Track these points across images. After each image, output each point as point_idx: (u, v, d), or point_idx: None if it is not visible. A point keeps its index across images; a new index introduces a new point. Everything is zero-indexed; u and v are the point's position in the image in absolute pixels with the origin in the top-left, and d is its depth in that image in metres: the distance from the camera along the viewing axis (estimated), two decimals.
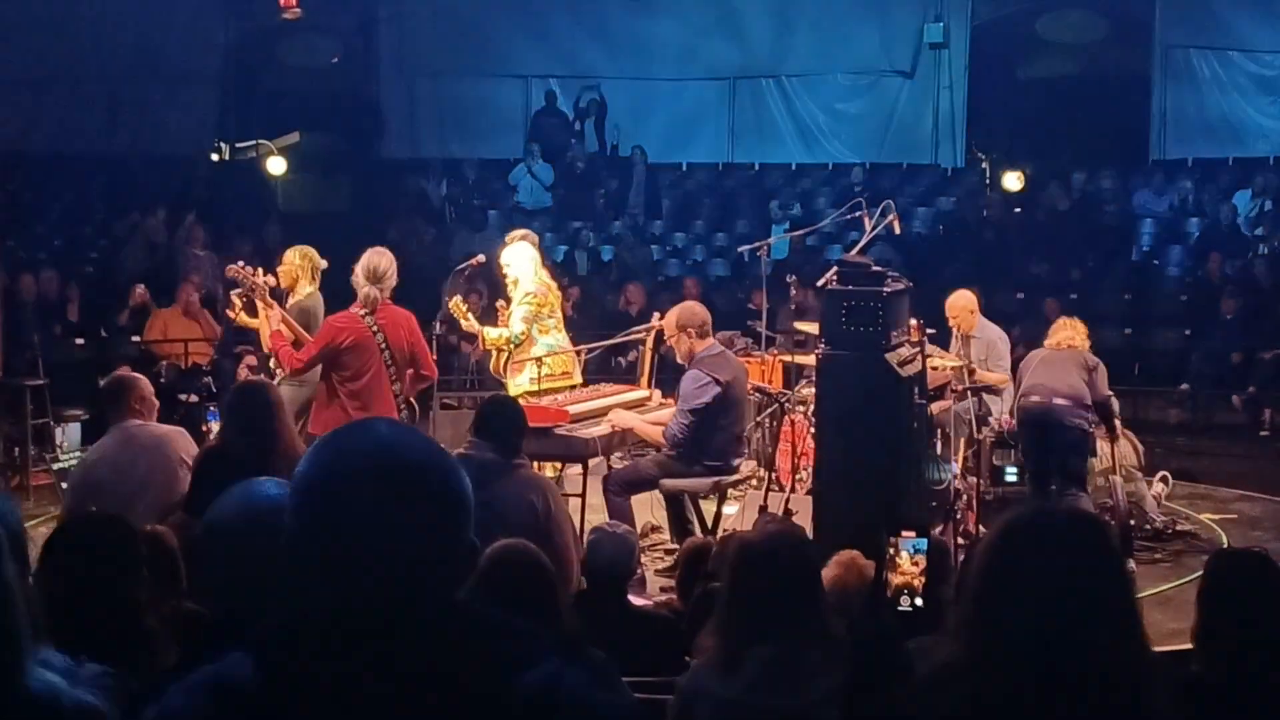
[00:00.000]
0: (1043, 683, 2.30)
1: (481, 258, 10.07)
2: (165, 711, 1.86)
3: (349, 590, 1.79)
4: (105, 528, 3.62)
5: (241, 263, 8.86)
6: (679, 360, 8.40)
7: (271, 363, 8.45)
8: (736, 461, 8.25)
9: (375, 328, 7.78)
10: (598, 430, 8.14)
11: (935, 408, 8.36)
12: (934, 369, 8.59)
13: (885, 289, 7.21)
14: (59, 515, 9.38)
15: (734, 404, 8.14)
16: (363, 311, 7.80)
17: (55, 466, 9.82)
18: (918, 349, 7.64)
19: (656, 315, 10.45)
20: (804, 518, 7.47)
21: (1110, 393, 8.82)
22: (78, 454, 9.99)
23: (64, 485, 9.56)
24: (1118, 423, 8.95)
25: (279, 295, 8.64)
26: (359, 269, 7.93)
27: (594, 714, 1.84)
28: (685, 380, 7.98)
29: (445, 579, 1.84)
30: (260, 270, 8.60)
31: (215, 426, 9.19)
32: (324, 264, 8.84)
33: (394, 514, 1.80)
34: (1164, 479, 9.65)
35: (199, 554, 2.68)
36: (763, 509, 7.74)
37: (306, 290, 8.73)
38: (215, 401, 11.00)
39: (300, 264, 8.79)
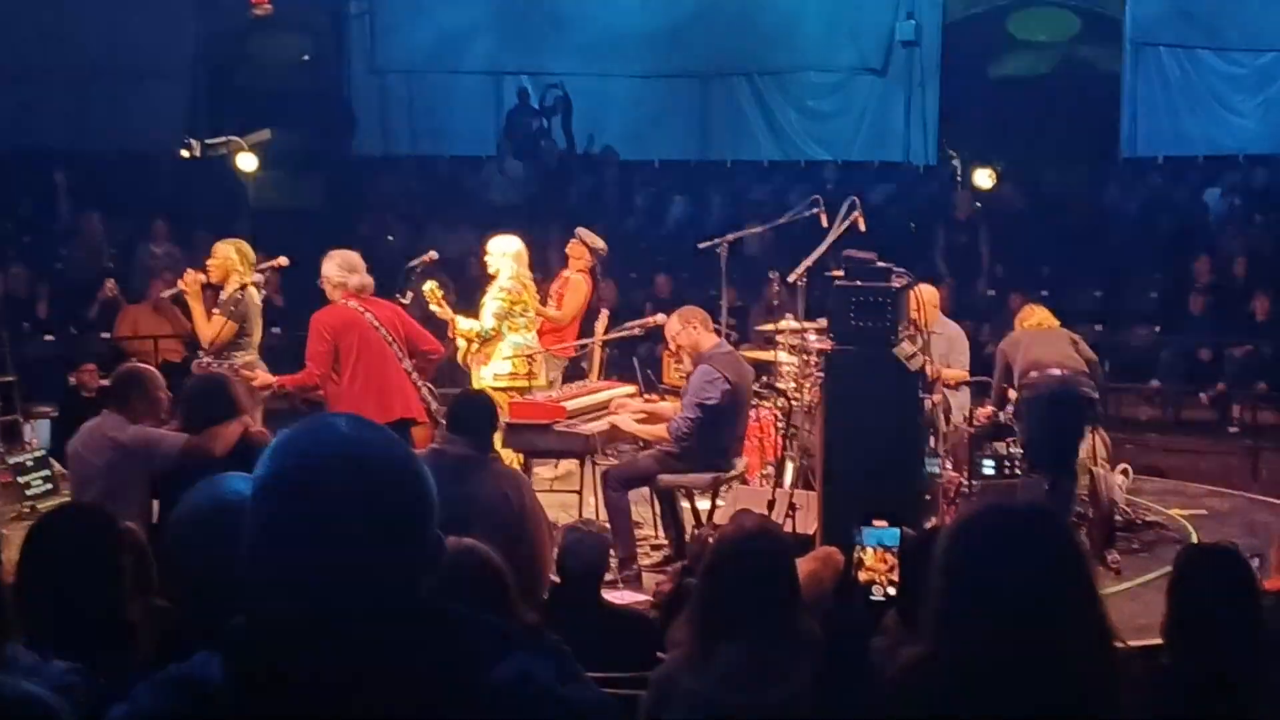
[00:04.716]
0: (1009, 678, 2.30)
1: (434, 254, 10.04)
2: (132, 712, 1.85)
3: (311, 591, 1.78)
4: (89, 517, 3.60)
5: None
6: (687, 357, 8.34)
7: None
8: (736, 460, 8.26)
9: (362, 309, 7.86)
10: (596, 426, 8.16)
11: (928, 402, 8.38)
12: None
13: (893, 284, 7.22)
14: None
15: (740, 405, 8.12)
16: (353, 302, 7.88)
17: (11, 461, 9.76)
18: (919, 344, 7.66)
19: (604, 314, 10.52)
20: (808, 513, 7.50)
21: (1095, 356, 8.87)
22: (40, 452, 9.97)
23: (20, 480, 9.55)
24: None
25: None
26: (335, 267, 8.00)
27: (559, 706, 1.83)
28: (695, 375, 7.95)
29: (410, 576, 1.82)
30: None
31: None
32: (254, 258, 8.73)
33: (354, 515, 1.77)
34: (1124, 471, 9.69)
35: (166, 551, 2.66)
36: (770, 504, 7.75)
37: (238, 283, 8.56)
38: None
39: (235, 258, 8.62)
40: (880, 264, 7.38)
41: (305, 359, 7.96)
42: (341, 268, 8.06)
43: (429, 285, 9.24)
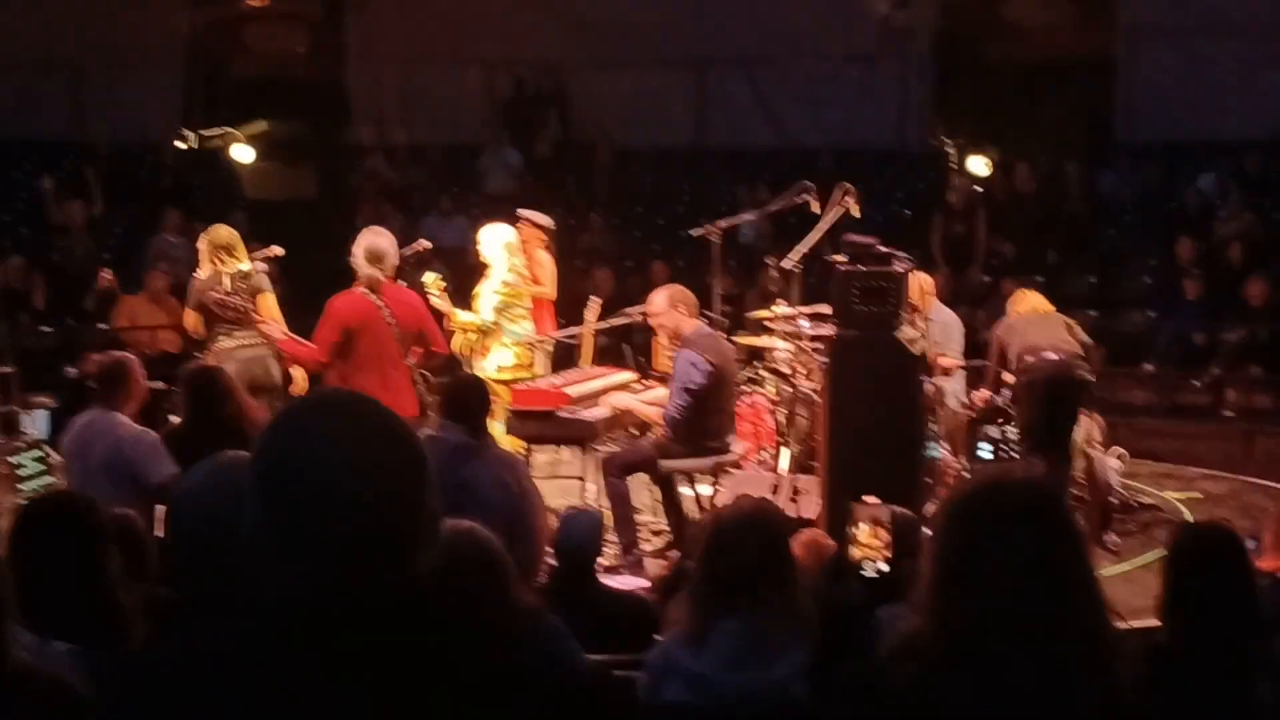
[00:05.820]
0: (1004, 656, 2.31)
1: (426, 243, 10.00)
2: (129, 692, 1.86)
3: (313, 574, 1.79)
4: (72, 505, 3.61)
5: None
6: (665, 340, 8.39)
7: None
8: (731, 440, 8.28)
9: (380, 304, 7.79)
10: (599, 412, 8.17)
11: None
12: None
13: (895, 269, 7.24)
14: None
15: (725, 382, 8.14)
16: (372, 294, 7.81)
17: (9, 453, 9.74)
18: (920, 329, 7.69)
19: (596, 301, 10.56)
20: (811, 497, 7.54)
21: (1090, 340, 8.91)
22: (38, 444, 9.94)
23: (17, 471, 9.54)
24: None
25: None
26: (359, 251, 7.92)
27: (555, 682, 1.85)
28: (678, 361, 7.98)
29: (410, 557, 1.83)
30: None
31: None
32: (225, 241, 8.75)
33: (355, 496, 1.79)
34: (1120, 456, 9.72)
35: (168, 532, 2.67)
36: (775, 489, 7.78)
37: (206, 271, 8.76)
38: None
39: (203, 248, 8.82)
40: (882, 249, 7.41)
41: (314, 340, 7.91)
42: (365, 256, 7.94)
43: (431, 277, 9.20)
